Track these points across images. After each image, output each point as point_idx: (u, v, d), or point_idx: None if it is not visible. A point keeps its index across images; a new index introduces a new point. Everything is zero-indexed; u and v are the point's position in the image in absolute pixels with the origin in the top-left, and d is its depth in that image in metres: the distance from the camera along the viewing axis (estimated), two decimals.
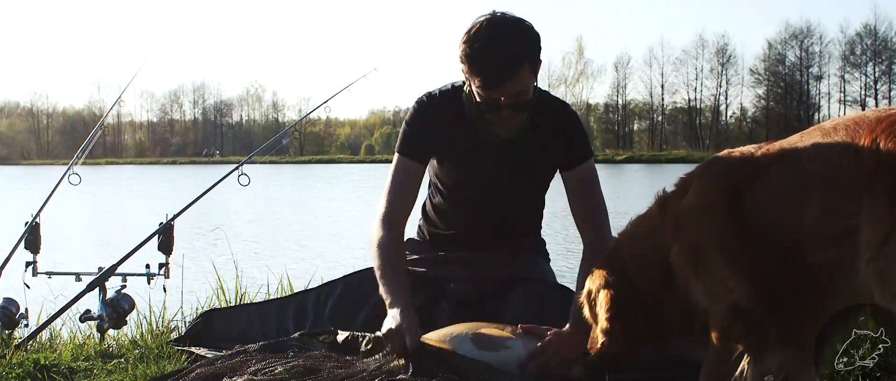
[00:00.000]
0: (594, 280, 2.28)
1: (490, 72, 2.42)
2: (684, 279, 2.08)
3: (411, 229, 3.03)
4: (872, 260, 1.63)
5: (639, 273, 2.18)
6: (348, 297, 2.77)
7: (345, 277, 2.82)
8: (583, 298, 2.31)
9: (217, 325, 2.81)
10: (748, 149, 2.09)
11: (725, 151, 2.22)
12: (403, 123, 2.74)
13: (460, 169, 2.77)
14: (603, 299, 2.22)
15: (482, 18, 2.47)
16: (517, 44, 2.44)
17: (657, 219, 2.13)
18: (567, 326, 2.45)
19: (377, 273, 2.55)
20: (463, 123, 2.63)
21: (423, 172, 2.73)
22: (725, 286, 1.97)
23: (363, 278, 2.78)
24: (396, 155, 2.71)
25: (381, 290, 2.52)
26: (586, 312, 2.30)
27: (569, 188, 2.69)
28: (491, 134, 2.62)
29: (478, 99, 2.51)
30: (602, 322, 2.23)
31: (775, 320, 1.99)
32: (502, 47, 2.41)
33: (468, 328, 2.45)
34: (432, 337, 2.41)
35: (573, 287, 2.66)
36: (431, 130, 2.68)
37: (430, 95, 2.72)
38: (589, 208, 2.67)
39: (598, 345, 2.26)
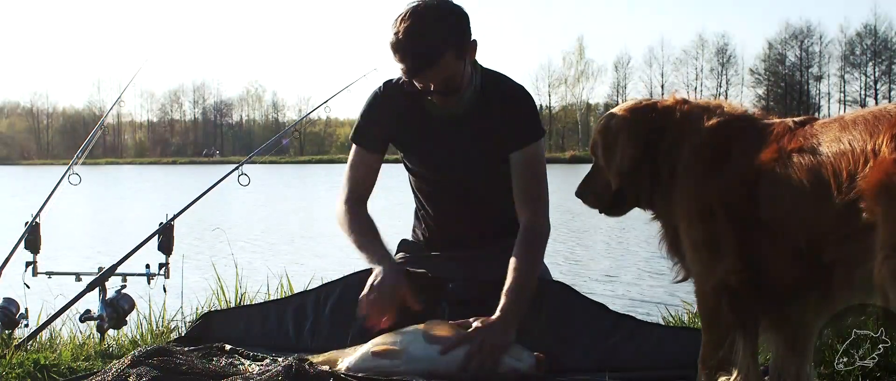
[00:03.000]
0: (626, 123, 2.23)
1: (411, 61, 2.48)
2: (680, 216, 2.11)
3: (406, 232, 3.04)
4: (887, 259, 1.63)
5: (672, 143, 2.15)
6: (348, 298, 2.77)
7: (344, 278, 2.82)
8: (598, 131, 2.28)
9: (217, 327, 2.81)
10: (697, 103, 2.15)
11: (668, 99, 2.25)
12: (359, 113, 2.83)
13: (417, 152, 2.83)
14: (628, 143, 2.19)
15: (408, 6, 2.52)
16: (438, 33, 2.48)
17: (713, 135, 2.09)
18: (495, 315, 2.43)
19: (355, 247, 2.67)
20: (414, 107, 2.69)
21: (379, 163, 2.81)
22: (716, 264, 1.99)
23: (362, 279, 2.78)
24: (352, 145, 2.81)
25: (364, 259, 2.62)
26: (599, 147, 2.28)
27: (513, 169, 2.67)
28: (440, 112, 2.68)
29: (411, 87, 2.59)
30: (619, 166, 2.20)
31: (770, 305, 2.00)
32: (423, 36, 2.46)
33: (423, 326, 2.46)
34: (386, 339, 2.43)
35: (569, 283, 2.66)
36: (384, 118, 2.75)
37: (384, 84, 2.79)
38: (531, 193, 2.65)
39: (614, 187, 2.25)
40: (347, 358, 2.42)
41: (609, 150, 2.25)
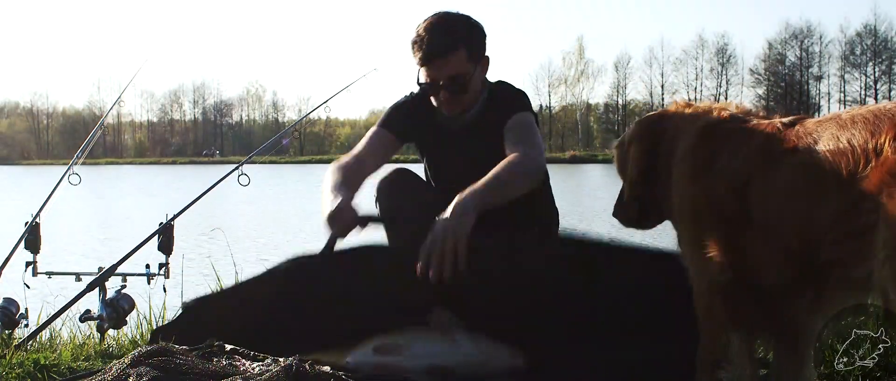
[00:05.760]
0: (635, 133, 2.33)
1: (427, 47, 2.69)
2: (675, 218, 2.15)
3: None
4: (888, 259, 1.62)
5: (669, 147, 2.19)
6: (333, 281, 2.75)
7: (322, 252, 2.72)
8: (615, 146, 2.42)
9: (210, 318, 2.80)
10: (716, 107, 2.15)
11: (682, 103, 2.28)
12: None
13: (431, 160, 2.93)
14: (636, 153, 2.29)
15: (435, 12, 2.78)
16: (455, 30, 2.72)
17: (700, 137, 2.12)
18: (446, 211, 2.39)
19: (326, 189, 2.62)
20: (432, 118, 2.84)
21: (392, 146, 2.88)
22: (708, 264, 2.00)
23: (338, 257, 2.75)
24: (375, 127, 2.90)
25: (326, 198, 2.57)
26: (615, 161, 2.40)
27: (504, 136, 2.68)
28: (450, 124, 2.81)
29: (422, 82, 2.75)
30: (630, 174, 2.32)
31: (765, 305, 2.00)
32: (441, 29, 2.71)
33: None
34: (389, 336, 2.51)
35: None
36: (412, 116, 2.87)
37: (415, 91, 2.91)
38: (518, 140, 2.63)
39: (625, 198, 2.36)
40: (351, 355, 2.46)
41: (623, 162, 2.36)
